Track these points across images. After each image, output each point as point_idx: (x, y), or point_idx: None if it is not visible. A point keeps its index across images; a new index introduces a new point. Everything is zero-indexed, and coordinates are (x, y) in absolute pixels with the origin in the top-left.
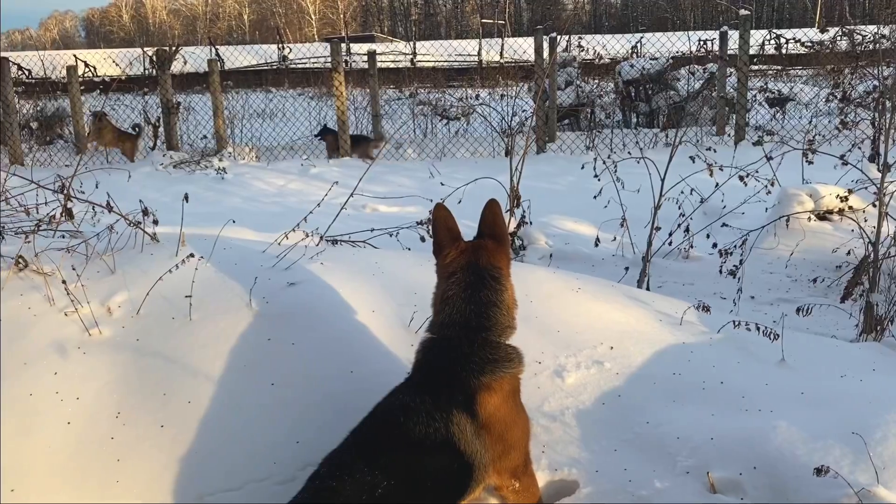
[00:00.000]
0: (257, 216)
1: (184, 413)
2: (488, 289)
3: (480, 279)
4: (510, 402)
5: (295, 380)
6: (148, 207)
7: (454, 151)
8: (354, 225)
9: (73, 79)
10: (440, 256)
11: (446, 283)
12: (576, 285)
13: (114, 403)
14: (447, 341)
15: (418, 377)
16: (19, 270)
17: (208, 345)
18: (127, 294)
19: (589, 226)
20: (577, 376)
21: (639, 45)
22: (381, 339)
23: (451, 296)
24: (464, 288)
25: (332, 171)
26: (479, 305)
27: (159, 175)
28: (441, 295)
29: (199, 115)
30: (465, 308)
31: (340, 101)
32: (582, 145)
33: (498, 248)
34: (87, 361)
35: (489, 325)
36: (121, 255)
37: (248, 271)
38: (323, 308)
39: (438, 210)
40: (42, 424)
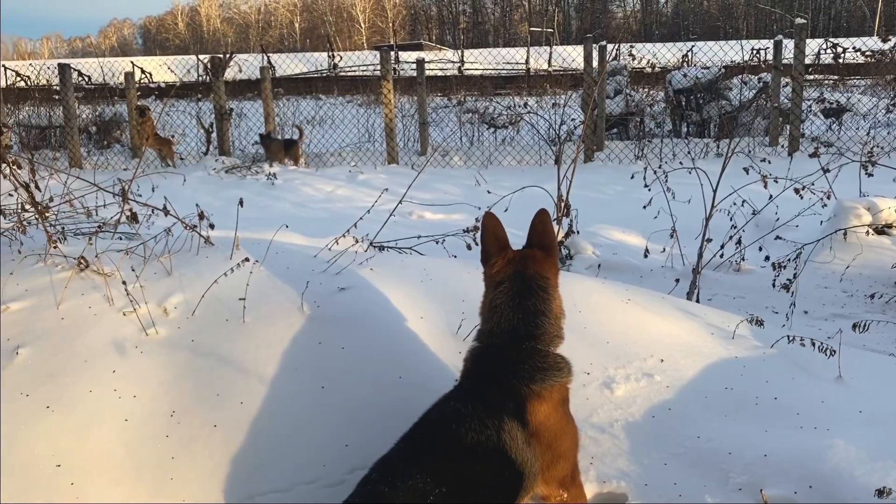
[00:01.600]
0: (306, 221)
1: (236, 414)
2: (536, 298)
3: (528, 288)
4: (560, 411)
5: (344, 383)
6: (204, 211)
7: (500, 160)
8: (401, 231)
9: (130, 85)
10: (488, 265)
11: (494, 292)
12: (625, 296)
13: (169, 402)
14: (496, 349)
15: (468, 384)
16: (80, 271)
17: (261, 347)
18: (183, 295)
19: (637, 236)
20: (626, 388)
21: (690, 54)
22: (429, 345)
23: (499, 304)
24: (511, 297)
25: (379, 178)
26: (527, 314)
27: (211, 180)
28: (489, 304)
29: (251, 122)
30: (513, 317)
31: (388, 108)
32: (631, 154)
33: (546, 257)
34: (144, 361)
35: (537, 333)
36: (177, 258)
37: (299, 276)
38: (372, 313)
39: (487, 218)
40: (101, 421)
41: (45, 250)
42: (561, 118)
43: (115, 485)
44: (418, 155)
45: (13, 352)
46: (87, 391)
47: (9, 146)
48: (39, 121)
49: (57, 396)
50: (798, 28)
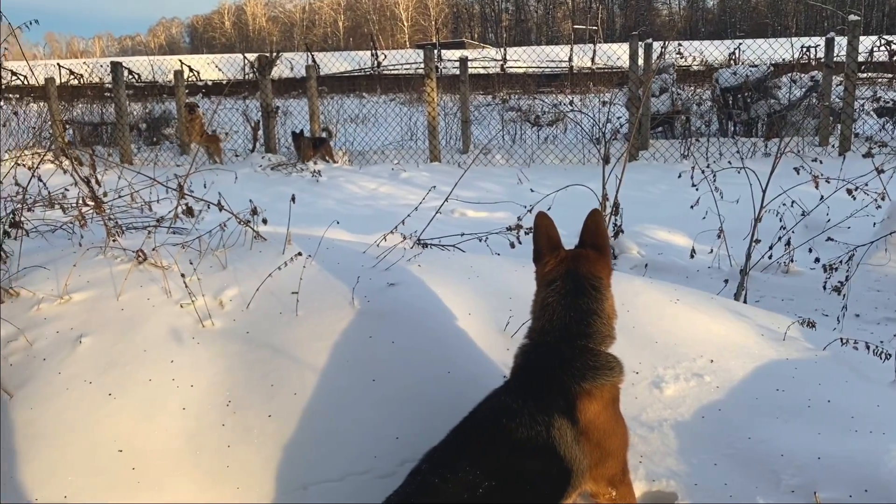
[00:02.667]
0: (350, 218)
1: (290, 404)
2: (588, 297)
3: (580, 287)
4: (610, 409)
5: (394, 378)
6: (257, 207)
7: (543, 158)
8: (443, 229)
9: (179, 82)
10: (540, 264)
11: (546, 291)
12: (674, 296)
13: (225, 392)
14: (547, 347)
15: (519, 381)
16: (139, 263)
17: (314, 339)
18: (237, 288)
19: (683, 236)
20: (675, 388)
21: (737, 52)
22: (478, 341)
23: (551, 303)
24: (563, 295)
25: (421, 176)
26: (579, 313)
27: (258, 176)
28: (540, 302)
29: (296, 119)
30: (565, 315)
31: (431, 106)
32: (676, 153)
33: (599, 257)
34: (200, 351)
35: (589, 332)
36: (231, 252)
37: (349, 271)
38: (421, 309)
39: (540, 218)
40: (160, 409)
41: (105, 243)
42: (606, 116)
43: (173, 470)
44: (460, 153)
45: (76, 340)
46: (147, 380)
47: (70, 143)
48: (92, 118)
49: (118, 384)
50: (851, 25)
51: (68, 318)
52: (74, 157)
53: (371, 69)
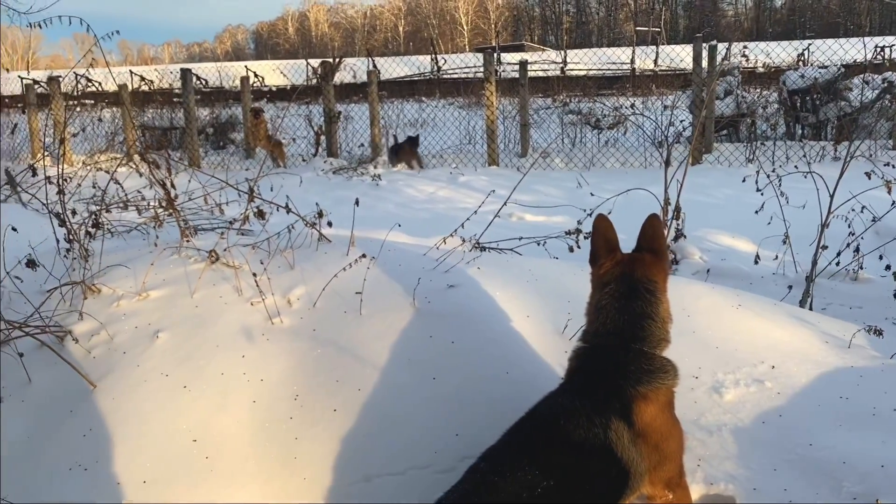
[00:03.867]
0: (409, 221)
1: (354, 399)
2: (642, 300)
3: (634, 290)
4: (665, 413)
5: (454, 377)
6: (323, 210)
7: (603, 161)
8: (501, 233)
9: (245, 88)
10: (596, 266)
11: (600, 293)
12: (735, 301)
13: (293, 386)
14: (601, 349)
15: (575, 383)
16: (212, 263)
17: (377, 338)
18: (304, 288)
19: (747, 242)
20: (735, 393)
21: (806, 53)
22: (536, 344)
23: (605, 305)
24: (617, 298)
25: (479, 180)
26: (633, 316)
27: (320, 180)
28: (595, 304)
29: (356, 124)
30: (619, 318)
31: (490, 110)
32: (741, 157)
33: (655, 261)
34: (270, 347)
35: (643, 336)
36: (298, 253)
37: (411, 272)
38: (481, 310)
39: (599, 220)
40: (232, 401)
41: (179, 244)
42: (669, 119)
43: (244, 460)
44: (519, 157)
45: (154, 335)
46: (220, 373)
47: (149, 146)
48: (162, 122)
49: (193, 377)
50: None
51: (146, 313)
52: (151, 161)
53: (430, 73)
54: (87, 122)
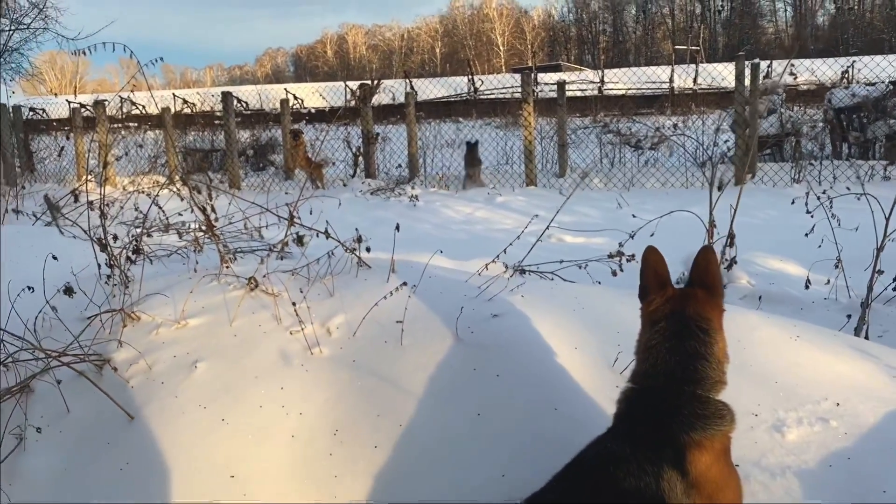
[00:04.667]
0: (447, 242)
1: (395, 435)
2: (695, 340)
3: (686, 329)
4: (721, 461)
5: (499, 412)
6: (362, 235)
7: (643, 182)
8: (541, 255)
9: (284, 110)
10: (646, 302)
11: (650, 331)
12: (793, 332)
13: (332, 420)
14: (651, 392)
15: (625, 427)
16: (251, 290)
17: (418, 370)
18: (344, 316)
19: (796, 265)
20: (798, 433)
21: (850, 70)
22: (584, 378)
23: (655, 345)
24: (668, 337)
25: (517, 200)
26: (685, 357)
27: (358, 201)
28: (645, 343)
29: (394, 145)
30: (669, 359)
31: (528, 131)
32: (786, 177)
33: (709, 297)
34: (309, 378)
35: (696, 378)
36: (337, 279)
37: (452, 300)
38: (526, 342)
39: (649, 252)
40: (271, 436)
41: (219, 270)
42: (714, 140)
43: (282, 498)
44: (557, 177)
45: (192, 365)
46: (258, 406)
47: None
48: (203, 144)
49: (231, 410)
50: None
51: (185, 342)
52: (193, 187)
53: (467, 94)
54: (131, 145)
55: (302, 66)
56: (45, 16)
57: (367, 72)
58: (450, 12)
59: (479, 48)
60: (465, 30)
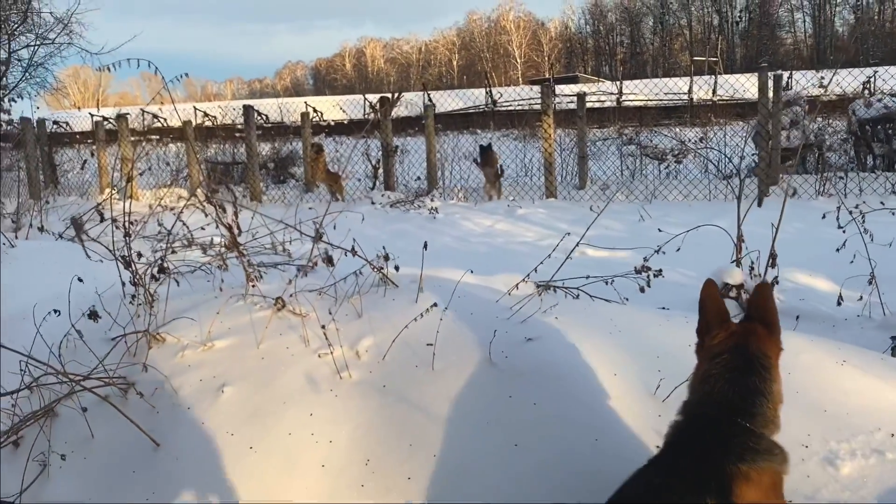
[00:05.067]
0: (467, 255)
1: (429, 466)
2: (756, 376)
3: (749, 364)
4: (771, 498)
5: (537, 443)
6: (389, 253)
7: (665, 194)
8: (565, 269)
9: (305, 123)
10: (707, 336)
11: (710, 363)
12: (839, 356)
13: (363, 449)
14: (703, 420)
15: (669, 457)
16: (278, 310)
17: (451, 397)
18: (373, 338)
19: (826, 280)
20: (852, 466)
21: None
22: (625, 406)
23: (714, 375)
24: (729, 370)
25: (538, 213)
26: (745, 391)
27: (378, 213)
28: (702, 375)
29: (412, 157)
30: (728, 390)
31: (548, 143)
32: (810, 189)
33: (769, 335)
34: (338, 404)
35: (753, 412)
36: (365, 299)
37: (484, 322)
38: (563, 367)
39: (708, 287)
40: (300, 465)
41: (245, 290)
42: (741, 153)
43: None
44: (577, 189)
45: (219, 390)
46: (287, 433)
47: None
48: (224, 157)
49: (259, 437)
50: None
51: (211, 365)
52: (219, 205)
53: (485, 106)
54: (154, 159)
55: (321, 80)
56: (70, 31)
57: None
58: (467, 25)
59: (496, 60)
60: (482, 42)
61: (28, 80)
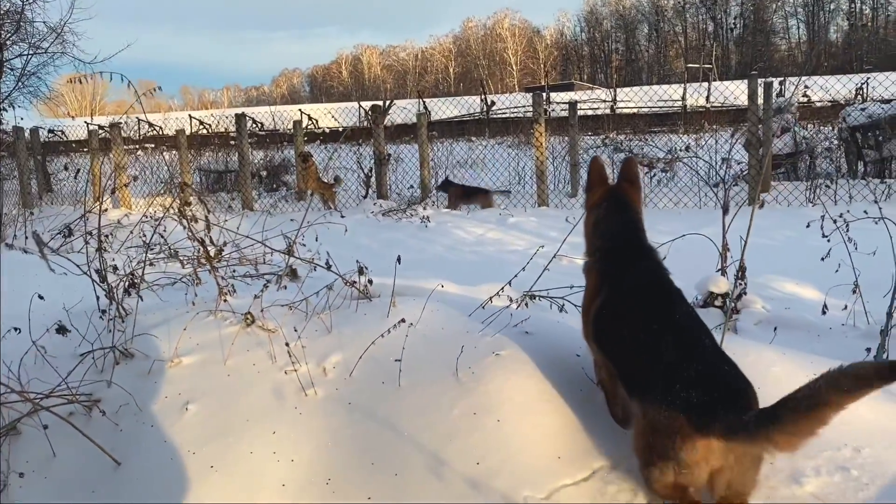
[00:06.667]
0: (458, 265)
1: (390, 486)
2: (631, 212)
3: (624, 205)
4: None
5: (500, 462)
6: (363, 267)
7: (655, 201)
8: (552, 277)
9: (298, 131)
10: (590, 192)
11: (596, 211)
12: (810, 370)
13: (325, 468)
14: (615, 252)
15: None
16: (247, 326)
17: (416, 414)
18: (341, 354)
19: (812, 289)
20: (817, 483)
21: (865, 87)
22: (592, 424)
23: (602, 218)
24: (611, 211)
25: (529, 221)
26: (628, 221)
27: (369, 222)
28: (593, 222)
29: (406, 165)
30: (617, 223)
31: (540, 151)
32: (801, 196)
33: (632, 187)
34: (302, 422)
35: (641, 235)
36: (336, 314)
37: (454, 337)
38: (529, 384)
39: (595, 161)
40: (261, 485)
41: (216, 304)
42: (728, 161)
43: None
44: (569, 196)
45: (183, 407)
46: (249, 452)
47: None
48: (217, 165)
49: (220, 456)
50: None
51: (177, 382)
52: (191, 218)
53: (480, 114)
54: (146, 167)
55: (317, 87)
56: (63, 40)
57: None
58: (463, 32)
59: (492, 68)
60: (478, 50)
61: (21, 89)
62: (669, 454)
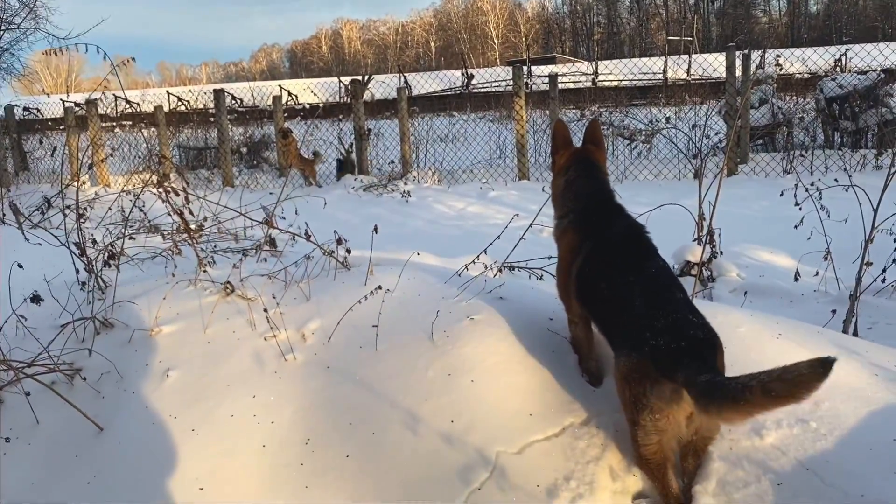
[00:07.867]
0: (438, 239)
1: (367, 444)
2: (598, 172)
3: (591, 168)
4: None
5: (474, 420)
6: (342, 237)
7: (636, 174)
8: (533, 250)
9: (277, 107)
10: (557, 155)
11: (565, 175)
12: (776, 330)
13: (304, 429)
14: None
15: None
16: (227, 295)
17: (393, 376)
18: (320, 321)
19: (786, 257)
20: (777, 435)
21: (843, 59)
22: (561, 381)
23: (571, 179)
24: (580, 175)
25: (510, 195)
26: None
27: (350, 198)
28: (562, 185)
29: (387, 141)
30: (588, 184)
31: (520, 125)
32: (778, 167)
33: (597, 149)
34: (281, 386)
35: (609, 192)
36: (315, 283)
37: (430, 303)
38: (502, 346)
39: (558, 124)
40: (241, 446)
41: (196, 274)
42: (703, 131)
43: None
44: (549, 170)
45: (164, 374)
46: (229, 416)
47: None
48: (196, 142)
49: (201, 420)
50: None
51: (158, 350)
52: (169, 189)
53: (461, 88)
54: (124, 143)
55: (297, 62)
56: (36, 15)
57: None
58: (443, 6)
59: (473, 41)
60: (459, 23)
61: None
62: (643, 401)
